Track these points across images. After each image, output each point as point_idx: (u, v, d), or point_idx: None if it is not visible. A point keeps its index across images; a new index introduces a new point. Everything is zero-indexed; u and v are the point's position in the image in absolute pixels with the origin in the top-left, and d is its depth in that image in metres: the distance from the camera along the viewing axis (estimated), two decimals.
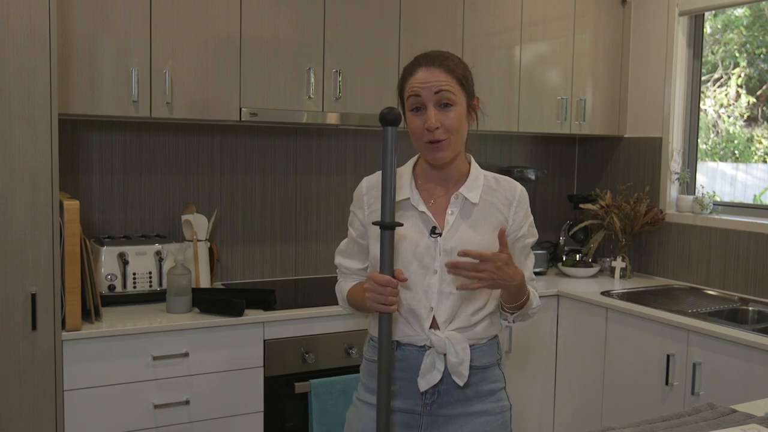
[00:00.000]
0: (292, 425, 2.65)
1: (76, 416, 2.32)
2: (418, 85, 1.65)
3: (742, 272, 3.14)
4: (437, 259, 1.67)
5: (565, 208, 3.98)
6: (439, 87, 1.64)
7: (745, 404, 1.78)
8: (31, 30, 2.17)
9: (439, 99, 1.64)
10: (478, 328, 1.69)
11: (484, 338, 1.71)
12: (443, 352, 1.64)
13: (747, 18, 3.46)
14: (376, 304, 1.59)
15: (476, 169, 1.77)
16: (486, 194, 1.73)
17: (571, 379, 3.20)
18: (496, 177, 1.79)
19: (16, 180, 2.19)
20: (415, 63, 1.69)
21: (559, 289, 3.23)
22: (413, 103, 1.66)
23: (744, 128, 3.54)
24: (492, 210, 1.72)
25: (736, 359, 2.48)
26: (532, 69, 3.41)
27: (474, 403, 1.69)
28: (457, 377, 1.65)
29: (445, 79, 1.65)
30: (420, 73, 1.66)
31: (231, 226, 3.16)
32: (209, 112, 2.70)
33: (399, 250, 1.66)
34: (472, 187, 1.73)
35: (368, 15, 2.97)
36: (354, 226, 1.81)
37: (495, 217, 1.72)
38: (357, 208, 1.80)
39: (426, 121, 1.63)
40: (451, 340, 1.64)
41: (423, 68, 1.66)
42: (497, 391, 1.74)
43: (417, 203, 1.71)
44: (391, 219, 1.58)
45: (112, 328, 2.37)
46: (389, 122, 1.55)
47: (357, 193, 1.81)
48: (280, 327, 2.61)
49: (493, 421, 1.71)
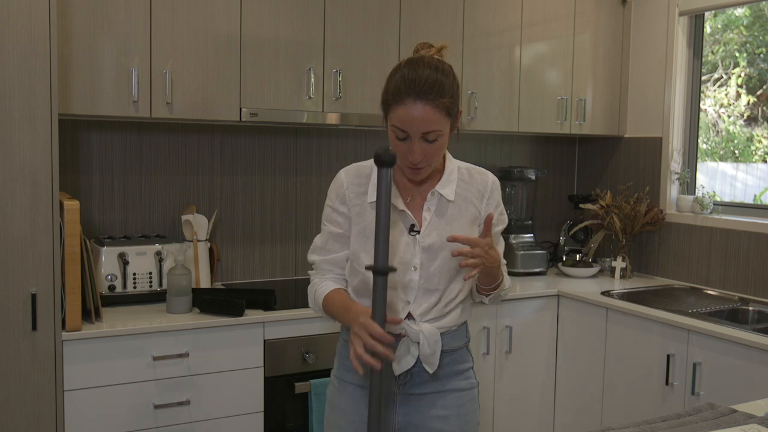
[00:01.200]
0: (292, 425, 2.65)
1: (76, 416, 2.32)
2: (405, 123, 1.60)
3: (743, 272, 3.14)
4: (417, 256, 1.70)
5: (565, 208, 3.98)
6: (427, 129, 1.60)
7: (746, 404, 1.78)
8: (32, 30, 2.17)
9: (425, 136, 1.62)
10: (450, 317, 1.76)
11: (455, 326, 1.78)
12: (417, 340, 1.70)
13: (747, 18, 3.46)
14: (362, 355, 1.52)
15: (451, 163, 1.79)
16: (460, 188, 1.77)
17: (571, 379, 3.20)
18: (470, 169, 1.82)
19: (16, 180, 2.19)
20: (404, 91, 1.60)
21: (559, 289, 3.23)
22: (398, 133, 1.63)
23: (744, 128, 3.55)
24: (467, 204, 1.77)
25: (736, 359, 2.48)
26: (532, 69, 3.41)
27: (445, 382, 1.78)
28: (428, 366, 1.72)
29: (434, 118, 1.60)
30: (408, 107, 1.59)
31: (231, 226, 3.16)
32: (209, 112, 2.70)
33: None
34: (447, 182, 1.75)
35: (368, 15, 2.97)
36: (334, 221, 1.78)
37: (470, 212, 1.77)
38: (338, 203, 1.77)
39: (410, 153, 1.63)
40: (425, 332, 1.70)
41: (412, 101, 1.59)
42: (466, 370, 1.83)
43: (396, 201, 1.72)
44: (385, 263, 1.51)
45: (113, 329, 2.37)
46: (385, 164, 1.48)
47: (336, 187, 1.79)
48: (281, 327, 2.61)
49: (464, 396, 1.81)
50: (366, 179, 1.76)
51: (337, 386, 1.83)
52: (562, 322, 3.24)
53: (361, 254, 1.72)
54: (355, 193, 1.75)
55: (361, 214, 1.74)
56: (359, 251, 1.72)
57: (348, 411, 1.79)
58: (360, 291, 1.75)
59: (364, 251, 1.71)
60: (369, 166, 1.78)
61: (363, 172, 1.78)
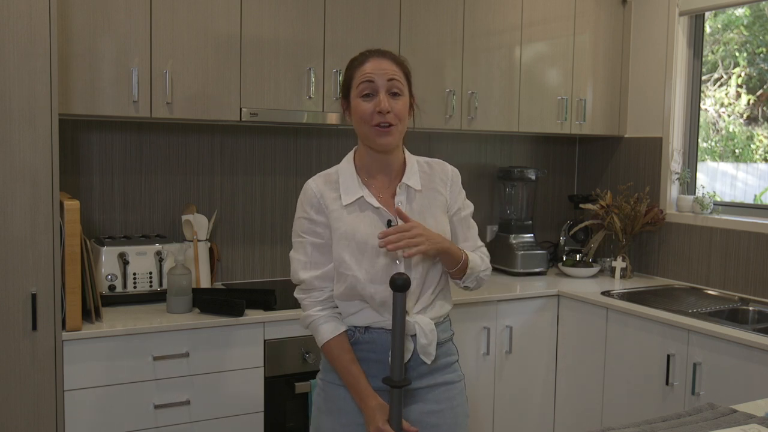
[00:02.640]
0: (292, 425, 2.65)
1: (76, 416, 2.32)
2: (372, 71, 1.73)
3: (743, 272, 3.14)
4: (399, 249, 1.72)
5: (565, 208, 3.98)
6: (392, 75, 1.74)
7: (746, 404, 1.78)
8: (32, 30, 2.17)
9: (390, 86, 1.73)
10: (436, 306, 1.80)
11: (442, 315, 1.83)
12: (412, 333, 1.74)
13: (747, 18, 3.46)
14: None
15: (410, 157, 1.86)
16: (424, 180, 1.84)
17: (571, 379, 3.20)
18: (428, 161, 1.89)
19: (17, 180, 2.19)
20: (365, 54, 1.79)
21: (559, 289, 3.23)
22: (365, 89, 1.73)
23: (743, 126, 3.54)
24: (433, 194, 1.83)
25: (736, 359, 2.48)
26: (532, 69, 3.41)
27: (435, 375, 1.81)
28: (425, 356, 1.75)
29: (396, 70, 1.76)
30: (372, 62, 1.75)
31: (231, 226, 3.16)
32: (209, 112, 2.70)
33: (365, 250, 1.73)
34: (411, 174, 1.82)
35: (368, 15, 2.97)
36: (313, 232, 1.78)
37: (438, 200, 1.84)
38: (314, 213, 1.78)
39: (378, 104, 1.71)
40: (420, 323, 1.74)
41: (374, 58, 1.76)
42: (453, 363, 1.87)
43: (370, 200, 1.77)
44: (402, 376, 1.66)
45: (113, 328, 2.37)
46: (399, 288, 1.60)
47: (308, 198, 1.79)
48: (281, 327, 2.61)
49: (453, 389, 1.84)
50: (336, 184, 1.80)
51: (324, 389, 1.83)
52: (562, 322, 3.24)
53: (346, 257, 1.73)
54: (330, 198, 1.78)
55: (340, 219, 1.76)
56: (344, 254, 1.74)
57: (338, 413, 1.79)
58: (346, 296, 1.76)
59: (349, 253, 1.73)
60: (335, 173, 1.83)
61: (331, 178, 1.82)
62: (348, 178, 1.79)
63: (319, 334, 1.78)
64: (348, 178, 1.79)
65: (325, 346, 1.78)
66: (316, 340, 1.80)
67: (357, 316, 1.77)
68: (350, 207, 1.76)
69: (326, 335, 1.77)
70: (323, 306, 1.79)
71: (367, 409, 1.72)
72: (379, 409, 1.70)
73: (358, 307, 1.76)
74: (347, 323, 1.79)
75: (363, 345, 1.77)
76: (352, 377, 1.74)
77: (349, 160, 1.83)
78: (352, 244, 1.73)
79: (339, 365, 1.76)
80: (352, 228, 1.74)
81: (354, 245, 1.73)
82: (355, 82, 1.76)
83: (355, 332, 1.77)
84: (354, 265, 1.72)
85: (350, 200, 1.76)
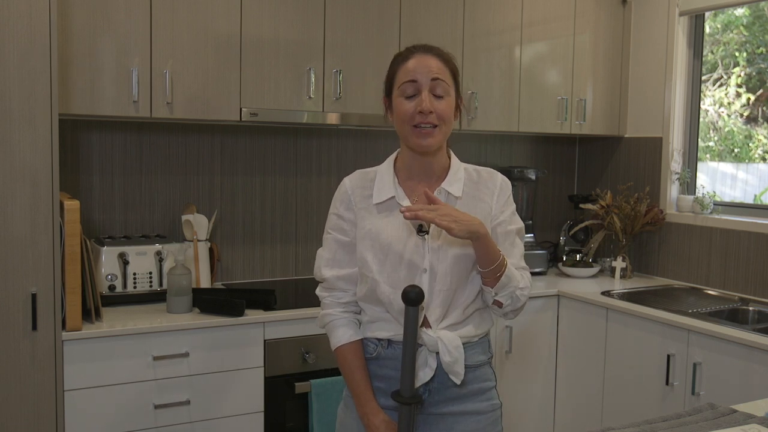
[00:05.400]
0: (292, 425, 2.65)
1: (76, 416, 2.32)
2: (415, 69, 1.64)
3: (743, 272, 3.14)
4: (426, 258, 1.64)
5: (565, 208, 3.98)
6: (437, 74, 1.64)
7: (746, 404, 1.78)
8: (32, 30, 2.17)
9: (434, 86, 1.63)
10: (470, 323, 1.68)
11: (476, 336, 1.69)
12: (435, 350, 1.62)
13: (747, 18, 3.46)
14: None
15: (456, 163, 1.76)
16: (468, 187, 1.72)
17: (571, 379, 3.20)
18: (477, 169, 1.77)
19: (17, 180, 2.19)
20: (409, 50, 1.68)
21: (559, 289, 3.23)
22: (407, 88, 1.64)
23: (743, 126, 3.54)
24: (476, 203, 1.70)
25: (736, 359, 2.48)
26: (532, 69, 3.41)
27: (465, 402, 1.67)
28: (453, 376, 1.63)
29: (442, 68, 1.65)
30: (416, 59, 1.65)
31: (231, 226, 3.16)
32: (209, 112, 2.70)
33: (388, 253, 1.65)
34: (454, 181, 1.71)
35: (368, 15, 2.97)
36: (340, 229, 1.73)
37: (480, 209, 1.69)
38: (343, 209, 1.73)
39: (420, 104, 1.62)
40: (443, 339, 1.61)
41: (419, 54, 1.66)
42: (488, 390, 1.72)
43: (402, 201, 1.69)
44: (412, 392, 1.56)
45: (113, 328, 2.37)
46: (412, 302, 1.52)
47: (341, 194, 1.75)
48: (281, 327, 2.61)
49: (485, 419, 1.69)
50: (371, 183, 1.73)
51: (348, 405, 1.75)
52: (562, 322, 3.24)
53: (369, 258, 1.66)
54: (361, 196, 1.72)
55: (367, 217, 1.69)
56: (366, 254, 1.67)
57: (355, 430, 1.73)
58: (368, 299, 1.69)
59: (372, 254, 1.66)
60: (373, 171, 1.76)
61: (367, 176, 1.76)
62: (384, 177, 1.72)
63: (335, 336, 1.71)
64: (384, 177, 1.72)
65: (339, 350, 1.70)
66: (331, 341, 1.72)
67: (378, 325, 1.68)
68: (380, 207, 1.68)
69: (342, 339, 1.70)
70: (345, 309, 1.73)
71: (371, 426, 1.64)
72: (384, 428, 1.63)
73: (379, 314, 1.68)
74: (369, 335, 1.70)
75: (385, 361, 1.68)
76: (359, 388, 1.67)
77: (390, 161, 1.76)
78: (376, 245, 1.66)
79: (348, 372, 1.69)
80: (377, 228, 1.66)
81: (378, 246, 1.65)
82: (398, 80, 1.66)
83: (377, 346, 1.69)
84: (375, 267, 1.65)
85: (381, 199, 1.68)
